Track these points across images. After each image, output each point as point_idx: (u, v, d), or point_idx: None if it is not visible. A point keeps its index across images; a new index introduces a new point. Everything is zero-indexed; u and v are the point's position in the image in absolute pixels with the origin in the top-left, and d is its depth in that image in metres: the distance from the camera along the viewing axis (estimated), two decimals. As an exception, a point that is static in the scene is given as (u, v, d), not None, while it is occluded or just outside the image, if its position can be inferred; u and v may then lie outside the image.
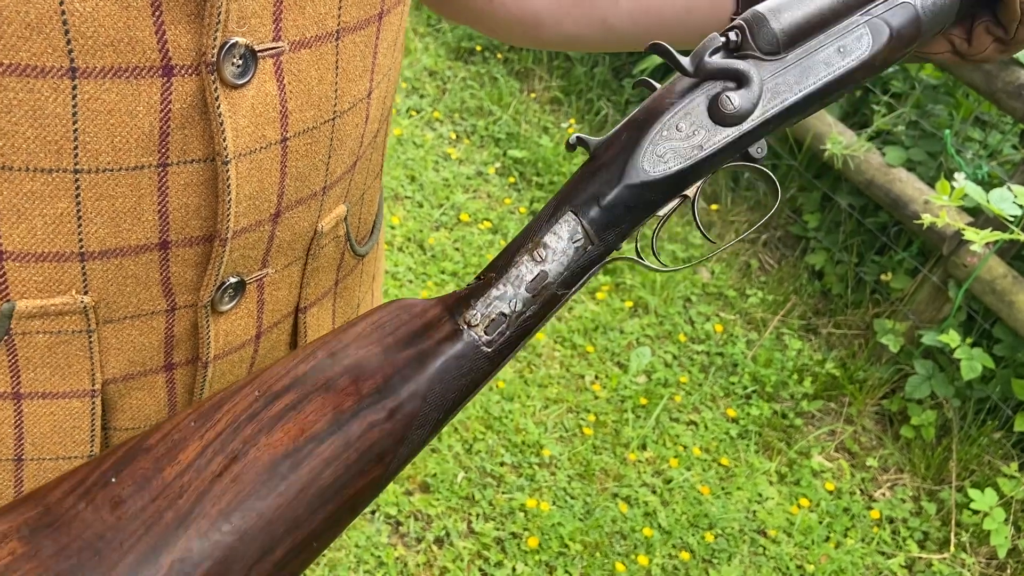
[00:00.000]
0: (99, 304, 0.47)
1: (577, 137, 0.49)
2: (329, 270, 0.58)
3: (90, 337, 0.48)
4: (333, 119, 0.50)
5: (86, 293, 0.46)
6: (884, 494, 2.16)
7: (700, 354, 2.41)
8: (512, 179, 2.88)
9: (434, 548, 1.80)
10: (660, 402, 2.22)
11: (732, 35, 0.49)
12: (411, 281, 2.39)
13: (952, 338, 2.11)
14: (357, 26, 0.48)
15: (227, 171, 0.44)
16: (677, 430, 2.18)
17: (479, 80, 3.30)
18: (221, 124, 0.43)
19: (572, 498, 1.96)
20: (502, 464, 1.99)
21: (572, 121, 3.18)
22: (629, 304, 2.49)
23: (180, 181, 0.45)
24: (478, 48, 3.43)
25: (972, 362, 2.10)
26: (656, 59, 3.13)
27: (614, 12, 0.64)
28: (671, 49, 0.48)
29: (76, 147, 0.41)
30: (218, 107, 0.42)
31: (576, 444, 2.08)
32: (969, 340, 2.17)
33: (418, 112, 3.07)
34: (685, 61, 0.49)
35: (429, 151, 2.89)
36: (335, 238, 0.57)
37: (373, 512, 1.83)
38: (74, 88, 0.40)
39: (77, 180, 0.42)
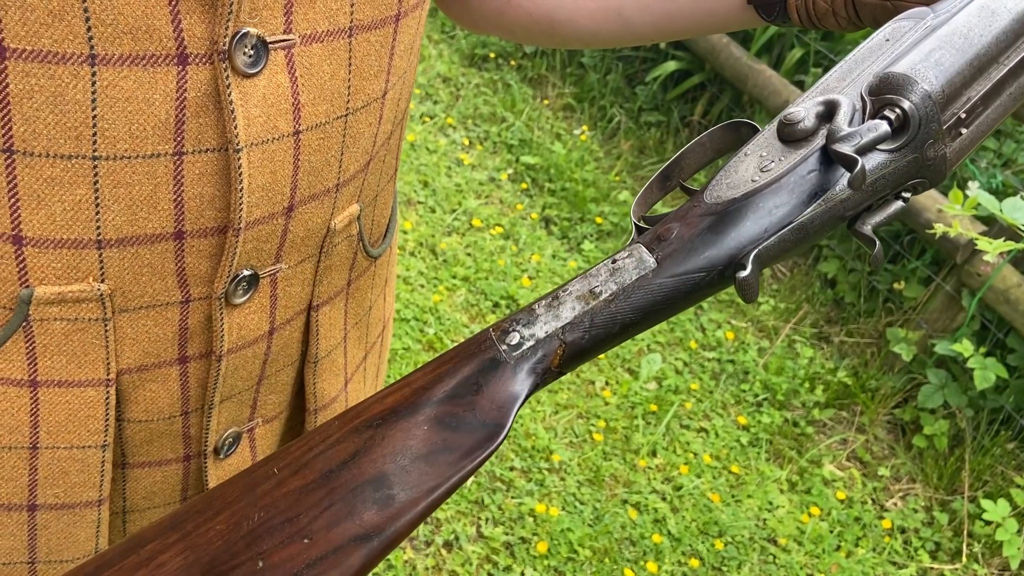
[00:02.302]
0: (115, 292, 0.48)
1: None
2: (341, 269, 0.59)
3: (106, 326, 0.48)
4: (346, 116, 0.50)
5: (103, 281, 0.47)
6: (896, 504, 2.14)
7: (711, 361, 2.41)
8: (524, 185, 2.88)
9: (443, 552, 1.80)
10: (671, 409, 2.21)
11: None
12: (423, 286, 2.40)
13: (965, 347, 2.10)
14: (372, 25, 0.49)
15: (239, 159, 0.45)
16: (687, 437, 2.17)
17: (492, 86, 3.31)
18: (233, 112, 0.44)
19: (582, 504, 1.95)
20: (512, 469, 1.99)
21: (585, 128, 3.19)
22: (640, 311, 2.49)
23: (195, 170, 0.45)
24: (491, 55, 3.44)
25: (985, 372, 2.09)
26: (670, 66, 3.13)
27: (630, 3, 0.64)
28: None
29: (95, 134, 0.42)
30: (230, 95, 0.43)
31: (586, 450, 2.08)
32: (983, 350, 2.15)
33: (431, 118, 3.08)
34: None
35: (442, 157, 2.90)
36: (348, 237, 0.57)
37: (382, 515, 1.83)
38: (93, 75, 0.41)
39: (95, 167, 0.43)
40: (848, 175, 0.41)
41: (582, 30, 0.67)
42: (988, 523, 2.03)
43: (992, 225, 2.15)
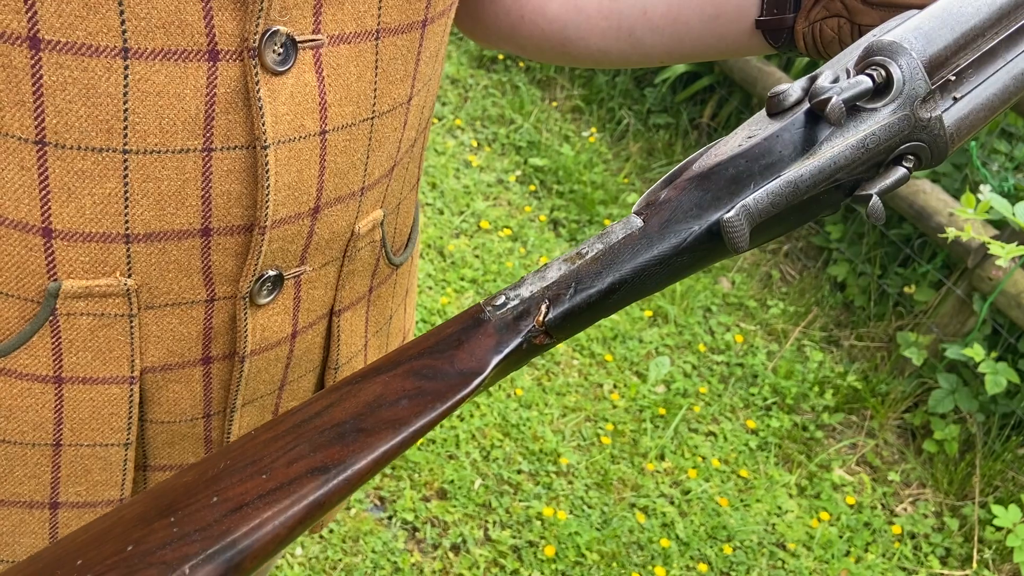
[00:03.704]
0: (141, 288, 0.48)
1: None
2: (364, 275, 0.59)
3: (131, 322, 0.48)
4: (372, 119, 0.50)
5: (130, 276, 0.47)
6: (906, 509, 2.13)
7: (720, 364, 2.40)
8: (533, 187, 2.88)
9: (450, 555, 1.79)
10: (679, 412, 2.20)
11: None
12: (431, 288, 2.39)
13: (976, 352, 2.09)
14: (398, 29, 0.49)
15: (266, 156, 0.45)
16: (696, 441, 2.16)
17: (501, 88, 3.31)
18: (260, 109, 0.44)
19: (589, 507, 1.95)
20: (519, 472, 1.98)
21: (593, 130, 3.18)
22: (648, 313, 2.49)
23: (223, 167, 0.45)
24: (500, 57, 3.44)
25: (997, 376, 2.08)
26: (680, 67, 3.13)
27: (642, 23, 0.64)
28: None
29: (126, 127, 0.42)
30: (258, 91, 0.43)
31: (594, 453, 2.07)
32: (994, 354, 2.14)
33: (440, 120, 3.08)
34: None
35: (450, 158, 2.90)
36: (371, 242, 0.57)
37: (390, 518, 1.82)
38: (126, 68, 0.41)
39: (126, 160, 0.43)
40: (825, 117, 0.41)
41: (593, 48, 0.67)
42: (999, 529, 2.02)
43: (1004, 229, 2.14)
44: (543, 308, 0.42)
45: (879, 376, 2.39)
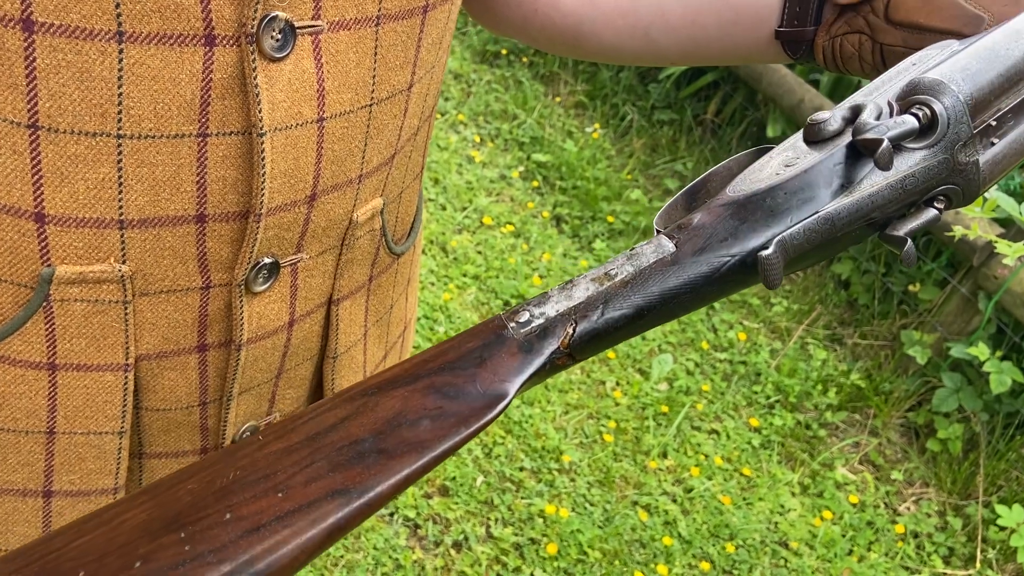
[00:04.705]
0: (136, 275, 0.47)
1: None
2: (363, 264, 0.58)
3: (126, 308, 0.48)
4: (370, 106, 0.50)
5: (124, 262, 0.46)
6: (909, 508, 2.12)
7: (723, 362, 2.39)
8: (536, 183, 2.87)
9: (452, 552, 1.78)
10: (682, 410, 2.20)
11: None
12: (433, 284, 2.39)
13: (981, 351, 2.08)
14: (399, 15, 0.49)
15: (262, 143, 0.45)
16: (699, 439, 2.15)
17: (504, 83, 3.30)
18: (257, 95, 0.43)
19: (591, 505, 1.94)
20: (521, 469, 1.98)
21: (597, 126, 3.17)
22: (651, 311, 2.48)
23: (219, 153, 0.45)
24: (503, 52, 3.44)
25: (1001, 376, 2.07)
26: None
27: (659, 23, 0.64)
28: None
29: (120, 111, 0.42)
30: (255, 78, 0.43)
31: (596, 451, 2.06)
32: (999, 353, 2.13)
33: (442, 115, 3.07)
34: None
35: (453, 154, 2.89)
36: (370, 231, 0.57)
37: (392, 514, 1.82)
38: (120, 52, 0.40)
39: (120, 145, 0.43)
40: (874, 162, 0.40)
41: (606, 45, 0.67)
42: (1002, 528, 2.01)
43: (1010, 227, 2.13)
44: (569, 330, 0.41)
45: (883, 375, 2.38)
